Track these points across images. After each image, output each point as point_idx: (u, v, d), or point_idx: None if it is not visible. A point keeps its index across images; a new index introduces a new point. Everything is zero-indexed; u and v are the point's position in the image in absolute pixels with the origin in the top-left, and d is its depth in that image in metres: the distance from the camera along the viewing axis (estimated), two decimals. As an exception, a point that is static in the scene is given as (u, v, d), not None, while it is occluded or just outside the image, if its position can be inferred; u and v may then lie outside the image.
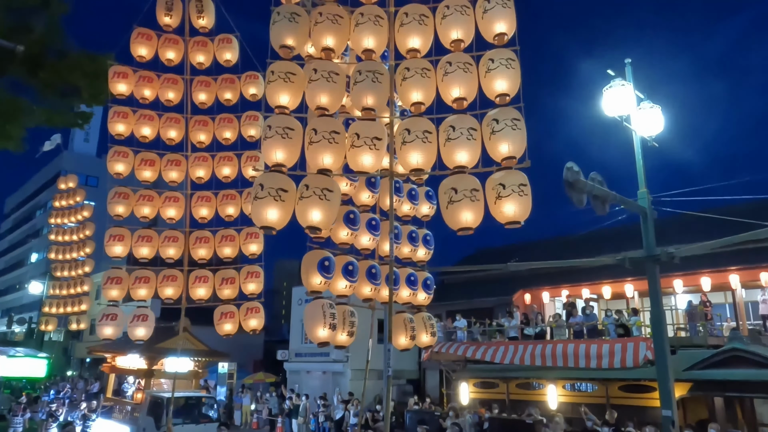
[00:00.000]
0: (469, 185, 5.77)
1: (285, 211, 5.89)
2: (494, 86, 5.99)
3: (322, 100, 6.19)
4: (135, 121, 10.19)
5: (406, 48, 6.47)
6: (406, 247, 7.73)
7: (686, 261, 9.42)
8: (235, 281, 10.06)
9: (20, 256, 57.60)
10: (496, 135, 5.77)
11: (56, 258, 20.30)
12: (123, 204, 10.10)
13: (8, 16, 8.59)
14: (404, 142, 6.03)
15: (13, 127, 8.77)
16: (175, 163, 10.36)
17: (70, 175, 21.49)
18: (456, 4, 6.33)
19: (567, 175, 7.00)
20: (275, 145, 6.00)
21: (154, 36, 10.33)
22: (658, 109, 8.46)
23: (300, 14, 6.51)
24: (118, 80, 9.93)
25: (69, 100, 9.63)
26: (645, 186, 8.23)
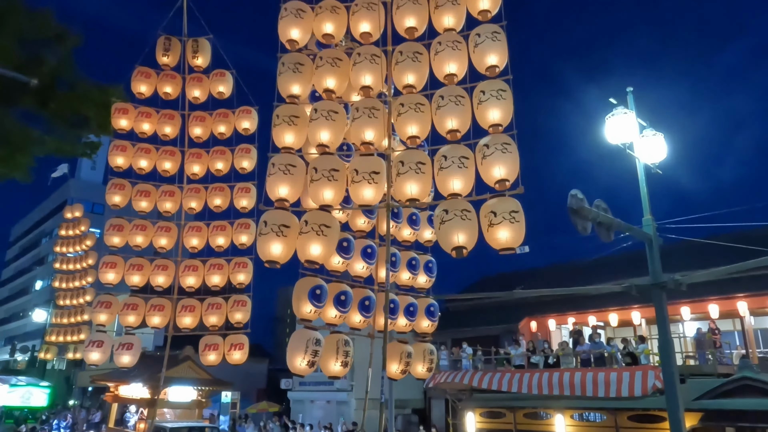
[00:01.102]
0: (459, 206, 5.99)
1: (288, 246, 6.22)
2: (487, 117, 6.26)
3: (323, 138, 6.53)
4: (134, 154, 10.75)
5: (402, 84, 6.75)
6: (405, 273, 7.76)
7: (693, 288, 9.34)
8: (221, 308, 10.39)
9: (25, 283, 57.56)
10: (487, 159, 6.00)
11: (60, 286, 20.33)
12: (118, 235, 10.59)
13: (22, 48, 8.78)
14: (399, 173, 6.32)
15: (22, 157, 8.89)
16: (170, 194, 10.90)
17: (76, 205, 21.71)
18: (448, 40, 6.65)
19: (571, 202, 7.01)
20: (278, 181, 6.37)
21: (153, 74, 11.03)
22: (660, 137, 8.51)
23: (304, 63, 6.96)
24: (119, 116, 10.54)
25: (78, 130, 9.76)
26: (650, 213, 8.21)
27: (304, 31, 7.16)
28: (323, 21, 7.13)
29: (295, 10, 7.16)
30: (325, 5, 7.21)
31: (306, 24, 7.15)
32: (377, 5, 7.08)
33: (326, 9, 7.19)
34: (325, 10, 7.18)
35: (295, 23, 7.11)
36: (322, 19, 7.14)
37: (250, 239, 10.67)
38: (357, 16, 7.08)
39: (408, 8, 6.90)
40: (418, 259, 7.96)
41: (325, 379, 21.85)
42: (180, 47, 11.14)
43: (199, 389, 16.45)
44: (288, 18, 7.12)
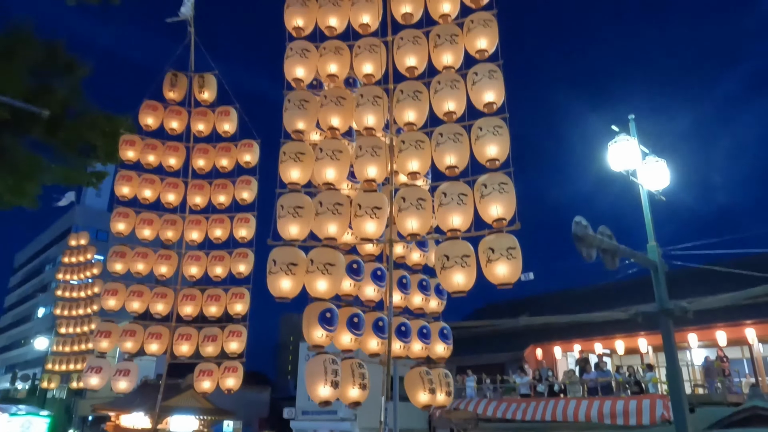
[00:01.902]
0: (460, 252, 6.24)
1: (296, 283, 6.52)
2: (484, 152, 6.50)
3: (329, 176, 6.85)
4: (139, 184, 11.07)
5: (403, 121, 7.02)
6: (417, 296, 7.82)
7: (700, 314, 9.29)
8: (217, 339, 10.56)
9: (27, 311, 57.43)
10: (485, 199, 6.24)
11: (62, 314, 20.26)
12: (120, 261, 10.79)
13: (33, 77, 8.94)
14: (400, 209, 6.58)
15: (30, 185, 8.97)
16: (172, 223, 11.16)
17: (82, 232, 21.79)
18: (447, 79, 6.93)
19: (575, 229, 7.04)
20: (288, 223, 6.66)
21: (160, 107, 11.38)
22: (663, 163, 8.58)
23: (309, 100, 7.24)
24: (127, 147, 10.88)
25: (85, 158, 9.86)
26: (654, 239, 8.22)
27: (309, 70, 7.46)
28: (327, 61, 7.44)
29: (301, 50, 7.46)
30: (329, 46, 7.52)
31: (311, 63, 7.45)
32: (379, 47, 7.36)
33: (330, 50, 7.49)
34: (329, 51, 7.48)
35: (301, 62, 7.40)
36: (326, 60, 7.45)
37: (248, 269, 10.91)
38: (360, 57, 7.38)
39: (408, 48, 7.21)
40: (429, 282, 8.00)
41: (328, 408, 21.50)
42: (186, 82, 11.57)
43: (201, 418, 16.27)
44: (294, 57, 7.41)
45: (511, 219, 6.21)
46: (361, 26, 7.54)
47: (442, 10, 7.33)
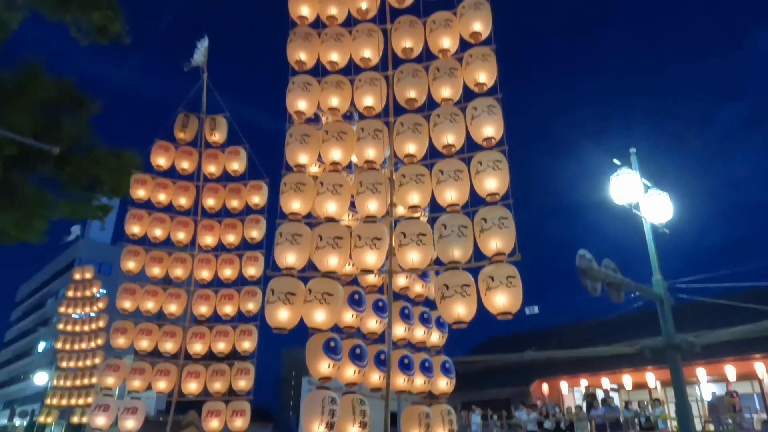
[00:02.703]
0: (460, 281, 6.19)
1: (294, 313, 6.48)
2: (484, 186, 6.57)
3: (329, 210, 6.92)
4: (149, 222, 11.22)
5: (403, 153, 7.11)
6: (419, 329, 7.80)
7: (709, 349, 9.16)
8: (225, 374, 10.57)
9: (28, 344, 57.00)
10: (485, 233, 6.27)
11: (63, 348, 20.07)
12: (130, 299, 10.83)
13: (43, 114, 9.09)
14: (401, 244, 6.61)
15: (36, 220, 9.06)
16: (181, 262, 11.24)
17: (87, 266, 21.75)
18: (446, 112, 7.03)
19: (580, 262, 7.04)
20: (286, 250, 6.67)
21: (171, 148, 11.61)
22: (666, 196, 8.60)
23: (310, 134, 7.35)
24: (138, 186, 11.10)
25: (91, 193, 9.97)
26: (659, 272, 8.18)
27: (311, 103, 7.59)
28: (329, 95, 7.58)
29: (303, 84, 7.60)
30: (330, 80, 7.67)
31: (312, 97, 7.58)
32: (379, 80, 7.51)
33: (332, 84, 7.64)
34: (330, 85, 7.63)
35: (302, 96, 7.54)
36: (327, 93, 7.59)
37: (257, 307, 10.94)
38: (360, 90, 7.53)
39: (408, 81, 7.36)
40: (430, 314, 7.96)
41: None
42: (197, 123, 11.87)
43: (202, 457, 15.86)
44: (295, 91, 7.55)
45: (511, 252, 6.26)
46: (362, 60, 7.71)
47: (441, 45, 7.48)
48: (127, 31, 7.69)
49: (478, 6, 7.38)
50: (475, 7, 7.38)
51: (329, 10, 7.88)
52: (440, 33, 7.47)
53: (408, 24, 7.65)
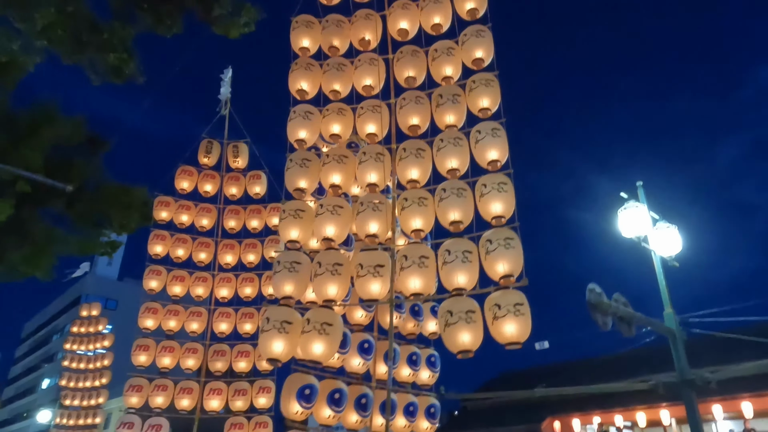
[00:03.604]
0: (464, 307, 5.96)
1: (290, 343, 6.31)
2: (489, 209, 6.47)
3: (328, 232, 6.85)
4: (171, 243, 11.67)
5: (406, 179, 7.10)
6: (405, 369, 7.60)
7: (724, 385, 8.95)
8: (247, 393, 10.84)
9: (32, 382, 56.58)
10: (491, 255, 6.09)
11: (67, 385, 19.83)
12: (152, 318, 11.20)
13: (55, 152, 9.20)
14: (402, 268, 6.46)
15: (45, 256, 9.09)
16: (202, 280, 11.69)
17: (94, 303, 21.74)
18: (450, 137, 7.05)
19: (590, 297, 6.97)
20: (284, 279, 6.58)
21: (195, 172, 12.28)
22: (674, 229, 8.55)
23: (311, 159, 7.45)
24: (161, 208, 11.59)
25: (100, 229, 10.02)
26: (670, 306, 8.06)
27: (312, 131, 7.69)
28: (330, 122, 7.69)
29: (304, 113, 7.72)
30: (332, 107, 7.80)
31: (314, 125, 7.70)
32: (381, 107, 7.60)
33: (333, 111, 7.76)
34: (332, 113, 7.74)
35: (304, 125, 7.64)
36: (329, 121, 7.70)
37: None
38: (363, 117, 7.62)
39: (411, 108, 7.41)
40: (419, 354, 7.83)
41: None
42: (220, 149, 12.56)
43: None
44: (296, 120, 7.67)
45: (519, 275, 6.05)
46: (364, 88, 7.87)
47: (444, 73, 7.59)
48: (141, 71, 7.87)
49: (479, 33, 7.57)
50: (477, 35, 7.55)
51: (331, 42, 8.16)
52: (443, 61, 7.61)
53: (410, 53, 7.85)
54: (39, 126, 8.65)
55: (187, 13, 8.19)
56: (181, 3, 7.97)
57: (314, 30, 8.24)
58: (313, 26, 8.25)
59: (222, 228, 12.11)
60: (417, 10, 7.99)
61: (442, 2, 7.84)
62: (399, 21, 7.95)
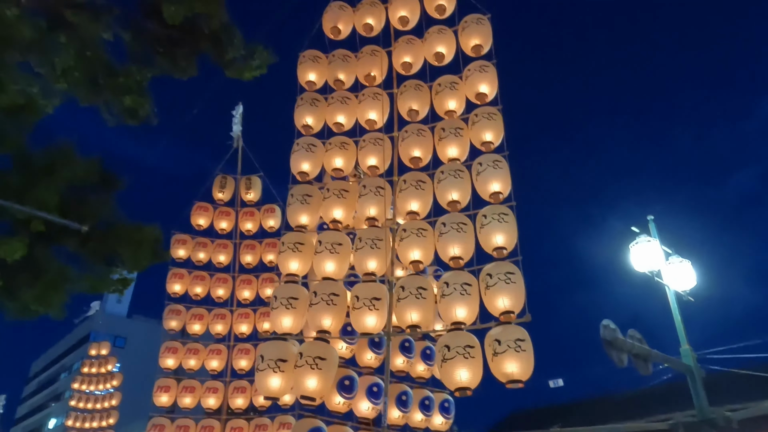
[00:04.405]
0: (462, 342, 5.82)
1: (285, 380, 6.28)
2: (490, 240, 6.40)
3: (328, 270, 6.85)
4: (190, 281, 11.89)
5: (406, 211, 7.11)
6: (417, 414, 7.40)
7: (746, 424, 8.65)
8: (268, 429, 10.75)
9: (38, 422, 56.14)
10: (491, 290, 6.00)
11: (74, 425, 19.61)
12: (172, 357, 11.29)
13: (69, 191, 9.33)
14: (399, 299, 6.38)
15: (57, 295, 9.12)
16: (221, 317, 11.78)
17: (103, 342, 21.70)
18: (451, 169, 7.10)
19: (604, 333, 6.89)
20: (281, 314, 6.54)
21: (210, 208, 12.54)
22: (687, 264, 8.46)
23: (312, 195, 7.57)
24: (178, 246, 11.85)
25: (112, 267, 10.06)
26: (687, 343, 7.91)
27: (314, 164, 7.83)
28: (333, 155, 7.81)
29: (306, 146, 7.88)
30: (334, 141, 7.94)
31: (316, 158, 7.84)
32: (383, 140, 7.73)
33: (336, 145, 7.89)
34: (334, 146, 7.87)
35: (306, 157, 7.77)
36: (332, 154, 7.83)
37: None
38: (365, 150, 7.73)
39: (413, 140, 7.50)
40: (433, 399, 7.59)
41: None
42: (234, 184, 12.80)
43: None
44: (300, 152, 7.82)
45: (521, 311, 5.93)
46: (367, 122, 8.07)
47: (447, 107, 7.73)
48: (155, 113, 8.08)
49: (483, 68, 7.75)
50: (481, 70, 7.73)
51: (337, 75, 8.41)
52: (446, 95, 7.77)
53: (414, 87, 8.05)
54: (55, 167, 8.87)
55: (201, 56, 8.43)
56: (196, 47, 8.26)
57: (321, 64, 8.56)
58: (319, 61, 8.58)
59: (239, 263, 12.30)
60: (421, 44, 8.28)
61: (446, 34, 8.11)
62: (403, 55, 8.23)
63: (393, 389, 7.21)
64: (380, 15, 8.42)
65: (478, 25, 7.90)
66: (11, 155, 8.90)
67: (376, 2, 8.54)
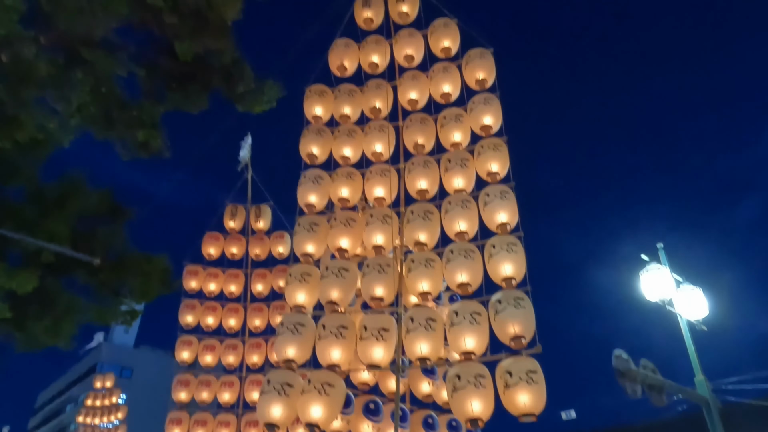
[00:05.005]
0: (473, 371, 5.78)
1: (289, 408, 6.15)
2: (499, 271, 6.41)
3: (333, 296, 6.86)
4: (202, 312, 11.83)
5: (414, 241, 7.15)
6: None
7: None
8: None
9: (43, 455, 54.91)
10: (500, 316, 5.98)
11: (79, 459, 19.36)
12: (185, 390, 11.22)
13: (80, 223, 9.44)
14: (408, 330, 6.38)
15: (66, 326, 9.16)
16: (233, 347, 11.68)
17: (108, 374, 21.59)
18: (458, 199, 7.18)
19: (617, 363, 6.82)
20: (287, 342, 6.52)
21: (221, 237, 12.60)
22: (699, 291, 8.39)
23: (318, 224, 7.68)
24: (190, 277, 11.81)
25: (120, 298, 10.11)
26: (701, 373, 7.78)
27: (321, 196, 7.93)
28: (339, 186, 7.92)
29: (313, 178, 8.00)
30: (341, 172, 8.07)
31: (323, 190, 7.94)
32: (390, 171, 7.82)
33: (342, 175, 8.01)
34: (341, 177, 7.99)
35: (313, 189, 7.88)
36: (338, 185, 7.93)
37: None
38: (371, 181, 7.83)
39: (419, 172, 7.57)
40: (436, 418, 7.43)
41: None
42: (244, 213, 12.90)
43: None
44: (306, 184, 7.95)
45: (531, 341, 5.91)
46: (373, 154, 8.21)
47: (453, 139, 7.85)
48: (167, 146, 8.23)
49: (487, 101, 7.89)
50: (485, 102, 7.87)
51: (343, 110, 8.61)
52: (451, 128, 7.90)
53: (419, 121, 8.22)
54: (67, 199, 9.02)
55: (213, 91, 8.62)
56: (208, 82, 8.47)
57: (327, 99, 8.77)
58: (325, 95, 8.79)
59: (250, 292, 12.33)
60: (426, 80, 8.47)
61: (451, 72, 8.30)
62: (409, 91, 8.39)
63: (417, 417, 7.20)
64: (385, 52, 8.70)
65: (482, 59, 8.09)
66: (24, 187, 9.07)
67: (381, 40, 8.79)
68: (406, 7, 8.68)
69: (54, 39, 7.63)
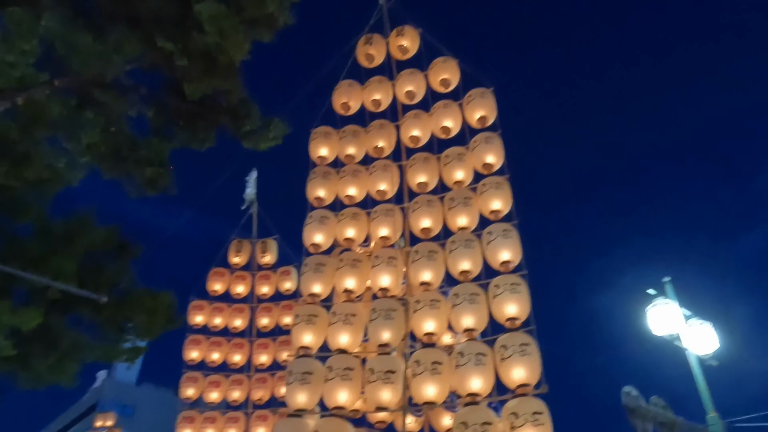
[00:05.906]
0: (480, 419, 5.75)
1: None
2: (503, 311, 6.47)
3: (342, 342, 6.88)
4: (207, 347, 11.79)
5: (419, 281, 7.24)
6: None
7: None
8: None
9: (42, 496, 53.58)
10: (506, 362, 6.02)
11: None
12: (190, 428, 11.14)
13: (86, 258, 9.51)
14: (414, 374, 6.41)
15: (70, 363, 9.13)
16: (238, 383, 11.61)
17: (109, 413, 21.18)
18: (461, 239, 7.26)
19: (626, 401, 6.73)
20: (296, 390, 6.42)
21: (226, 273, 12.50)
22: (708, 326, 8.30)
23: (325, 264, 7.73)
24: (196, 313, 11.73)
25: (125, 335, 10.09)
26: (714, 410, 7.63)
27: (327, 236, 8.00)
28: (345, 226, 8.00)
29: (319, 218, 8.09)
30: (347, 212, 8.14)
31: (329, 230, 8.02)
32: (394, 210, 7.94)
33: (348, 216, 8.09)
34: (346, 217, 8.07)
35: (319, 229, 7.96)
36: (344, 225, 8.02)
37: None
38: (376, 221, 7.92)
39: (423, 211, 7.69)
40: None
41: None
42: (250, 248, 12.82)
43: None
44: (312, 225, 8.02)
45: (537, 383, 5.93)
46: (378, 193, 8.32)
47: (455, 177, 8.01)
48: (174, 183, 8.37)
49: (489, 140, 8.08)
50: (487, 141, 8.05)
51: (347, 150, 8.80)
52: (454, 166, 8.06)
53: (422, 160, 8.36)
54: (74, 235, 9.12)
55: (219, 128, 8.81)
56: (215, 120, 8.67)
57: (332, 140, 8.95)
58: (330, 136, 8.95)
59: (256, 327, 12.29)
60: (428, 118, 8.70)
61: (451, 109, 8.52)
62: (411, 129, 8.61)
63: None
64: (387, 91, 8.92)
65: (483, 98, 8.31)
66: (32, 224, 9.17)
67: (384, 79, 9.04)
68: (406, 42, 9.05)
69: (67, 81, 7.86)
